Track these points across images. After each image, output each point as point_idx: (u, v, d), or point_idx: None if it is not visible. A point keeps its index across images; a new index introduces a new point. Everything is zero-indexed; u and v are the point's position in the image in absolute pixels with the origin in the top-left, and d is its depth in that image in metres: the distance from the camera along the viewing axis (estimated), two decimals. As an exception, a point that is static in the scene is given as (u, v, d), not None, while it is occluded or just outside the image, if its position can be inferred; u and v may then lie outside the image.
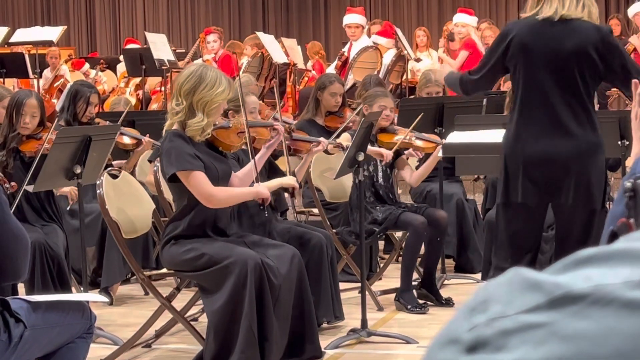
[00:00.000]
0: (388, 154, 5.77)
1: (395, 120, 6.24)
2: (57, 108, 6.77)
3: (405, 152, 6.15)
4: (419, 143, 5.98)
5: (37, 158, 5.21)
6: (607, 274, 0.69)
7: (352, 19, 10.80)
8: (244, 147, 4.95)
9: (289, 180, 4.89)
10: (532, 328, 0.68)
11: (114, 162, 6.19)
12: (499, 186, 4.47)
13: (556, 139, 4.24)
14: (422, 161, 6.26)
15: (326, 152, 5.66)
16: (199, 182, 4.40)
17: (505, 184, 4.38)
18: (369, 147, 5.70)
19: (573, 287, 0.69)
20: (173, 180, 4.47)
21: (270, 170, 5.32)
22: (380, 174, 6.05)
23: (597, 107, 5.40)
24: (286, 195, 5.27)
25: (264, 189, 4.61)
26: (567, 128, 4.23)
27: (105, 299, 4.50)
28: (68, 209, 5.82)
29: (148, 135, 6.42)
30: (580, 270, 0.71)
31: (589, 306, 0.68)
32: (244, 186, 4.68)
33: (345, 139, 5.58)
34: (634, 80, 2.16)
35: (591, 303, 0.68)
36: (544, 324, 0.68)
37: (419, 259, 6.25)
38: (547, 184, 4.29)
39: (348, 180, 6.02)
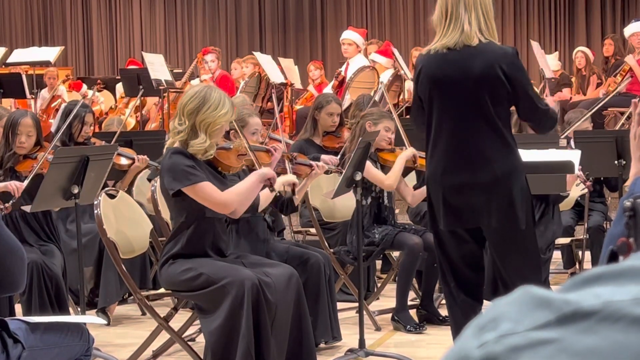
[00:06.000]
0: (417, 153, 5.84)
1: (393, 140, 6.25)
2: (53, 129, 6.76)
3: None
4: (421, 160, 5.98)
5: (29, 178, 5.22)
6: (616, 291, 0.70)
7: (347, 35, 10.83)
8: (244, 168, 4.95)
9: (290, 178, 4.85)
10: (541, 344, 0.68)
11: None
12: (428, 214, 4.51)
13: (472, 166, 4.25)
14: (420, 180, 6.26)
15: (326, 172, 5.66)
16: (208, 193, 4.39)
17: (431, 213, 4.42)
18: (402, 154, 5.76)
19: (582, 303, 0.69)
20: (176, 194, 4.45)
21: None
22: (385, 195, 6.03)
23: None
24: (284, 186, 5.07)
25: (265, 168, 4.59)
26: (482, 154, 4.23)
27: (103, 321, 4.49)
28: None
29: (145, 155, 6.44)
30: (589, 287, 0.71)
31: (598, 322, 0.68)
32: (244, 207, 4.66)
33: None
34: (634, 100, 2.16)
35: (601, 319, 0.68)
36: (553, 340, 0.68)
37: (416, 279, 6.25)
38: (468, 210, 4.30)
39: (344, 200, 6.02)
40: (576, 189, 6.32)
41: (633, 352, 0.67)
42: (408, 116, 8.37)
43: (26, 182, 5.19)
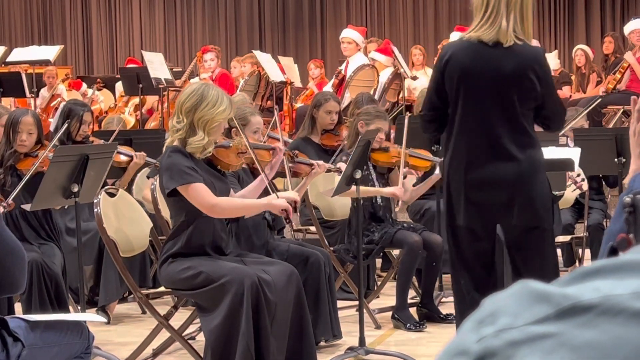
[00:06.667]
0: (400, 194, 5.73)
1: (392, 138, 6.25)
2: (52, 128, 6.76)
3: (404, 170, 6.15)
4: (414, 161, 5.98)
5: (28, 175, 5.21)
6: (615, 285, 0.69)
7: (347, 33, 10.82)
8: (244, 166, 4.95)
9: (291, 195, 4.83)
10: (540, 338, 0.68)
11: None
12: (444, 209, 4.48)
13: (496, 162, 4.23)
14: (419, 179, 6.25)
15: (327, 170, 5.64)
16: (199, 194, 4.39)
17: (449, 208, 4.38)
18: (382, 190, 5.73)
19: (582, 297, 0.69)
20: (172, 194, 4.46)
21: (265, 192, 5.30)
22: None
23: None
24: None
25: (279, 200, 4.54)
26: (507, 151, 4.21)
27: (103, 319, 4.49)
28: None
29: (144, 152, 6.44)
30: (588, 281, 0.71)
31: (597, 316, 0.68)
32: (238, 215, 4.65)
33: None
34: (633, 97, 2.17)
35: (600, 313, 0.68)
36: (552, 335, 0.68)
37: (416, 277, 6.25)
38: (490, 207, 4.28)
39: (344, 198, 6.02)
40: (569, 189, 6.32)
41: (633, 346, 0.66)
42: (408, 113, 8.36)
43: (9, 198, 5.16)
